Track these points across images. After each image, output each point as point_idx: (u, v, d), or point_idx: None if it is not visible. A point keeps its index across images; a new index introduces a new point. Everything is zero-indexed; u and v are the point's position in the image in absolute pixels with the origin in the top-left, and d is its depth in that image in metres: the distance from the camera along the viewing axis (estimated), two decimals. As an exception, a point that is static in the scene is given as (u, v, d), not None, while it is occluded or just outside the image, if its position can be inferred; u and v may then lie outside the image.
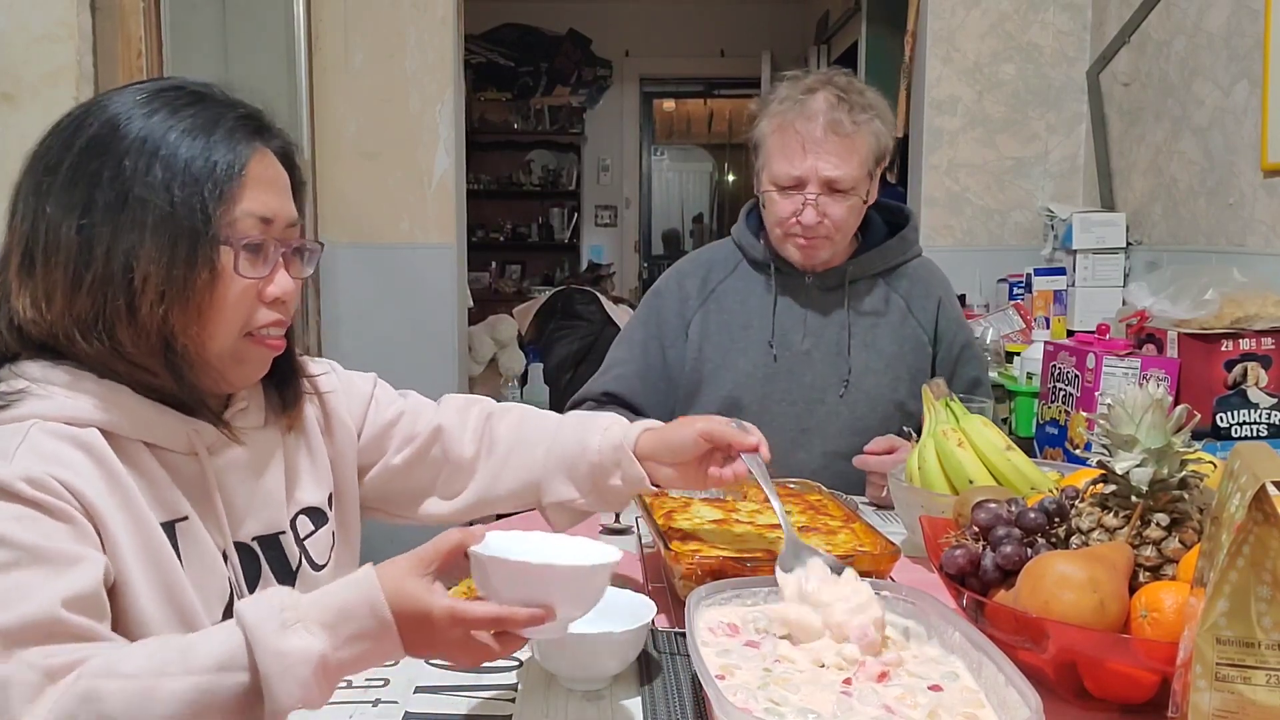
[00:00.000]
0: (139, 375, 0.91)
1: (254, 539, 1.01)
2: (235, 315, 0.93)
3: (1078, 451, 1.92)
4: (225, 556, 0.97)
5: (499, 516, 1.27)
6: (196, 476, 0.95)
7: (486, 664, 0.93)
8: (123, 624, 0.86)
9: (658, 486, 1.18)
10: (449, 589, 0.85)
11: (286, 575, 1.03)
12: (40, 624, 0.77)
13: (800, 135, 1.66)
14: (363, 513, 1.18)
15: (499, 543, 0.88)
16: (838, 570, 1.00)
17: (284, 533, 1.03)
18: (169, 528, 0.92)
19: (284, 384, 1.06)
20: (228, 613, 0.94)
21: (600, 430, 1.19)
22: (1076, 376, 1.97)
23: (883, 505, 1.61)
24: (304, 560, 1.05)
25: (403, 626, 0.81)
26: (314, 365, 1.14)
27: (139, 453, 0.91)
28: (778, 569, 1.02)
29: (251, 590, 0.99)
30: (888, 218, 1.86)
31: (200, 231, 0.89)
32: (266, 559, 1.02)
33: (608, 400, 1.82)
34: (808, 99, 1.67)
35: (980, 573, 1.00)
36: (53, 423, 0.87)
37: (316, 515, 1.08)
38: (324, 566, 1.08)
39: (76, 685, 0.75)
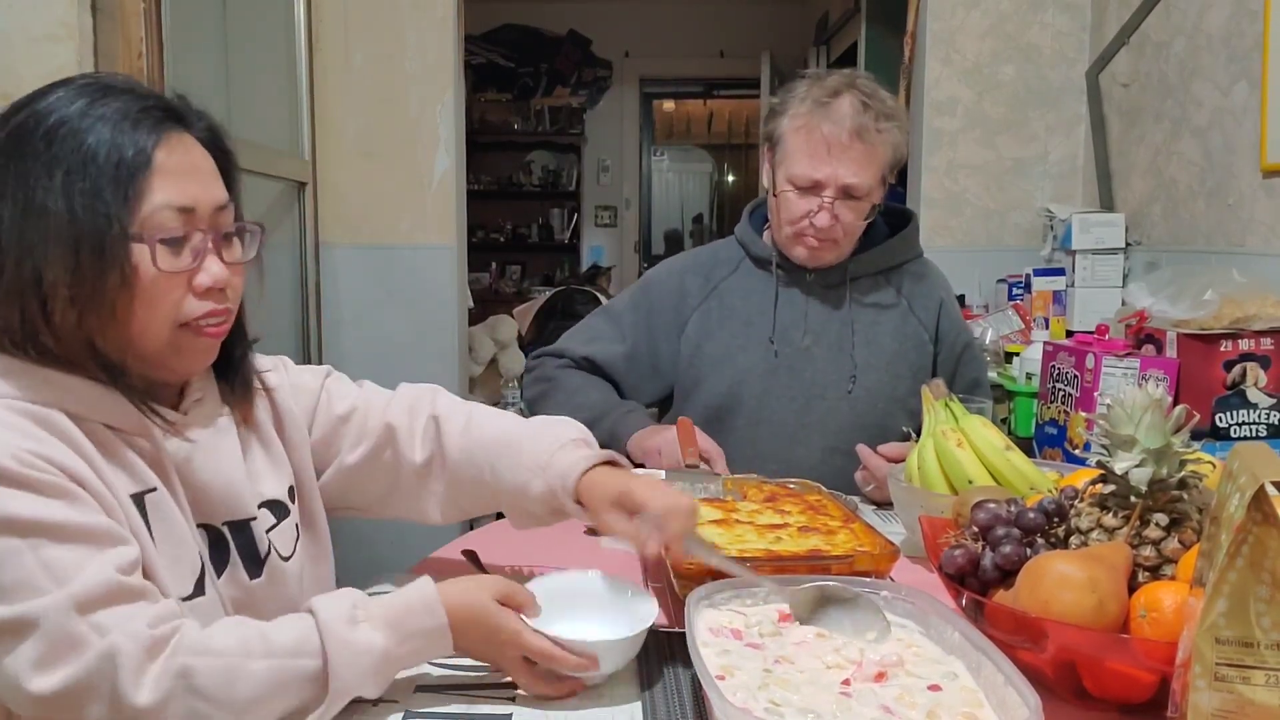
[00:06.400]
0: (77, 373, 0.90)
1: (224, 523, 1.00)
2: (162, 310, 0.92)
3: (1077, 452, 1.92)
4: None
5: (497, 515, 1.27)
6: (155, 456, 0.95)
7: (487, 664, 0.99)
8: None
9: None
10: None
11: (254, 562, 1.03)
12: (105, 589, 0.81)
13: (825, 138, 1.66)
14: (330, 513, 1.17)
15: (548, 587, 1.02)
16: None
17: (254, 519, 1.03)
18: (139, 500, 0.92)
19: (232, 374, 1.05)
20: (199, 586, 0.95)
21: (540, 471, 1.12)
22: (1075, 377, 1.97)
23: (882, 503, 1.62)
24: (272, 549, 1.05)
25: (465, 627, 0.94)
26: (262, 361, 1.13)
27: (99, 430, 0.91)
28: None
29: (219, 573, 0.99)
30: (889, 219, 1.88)
31: (105, 233, 0.87)
32: (236, 544, 1.01)
33: (587, 365, 1.82)
34: (834, 102, 1.67)
35: (979, 573, 1.00)
36: (12, 400, 0.86)
37: (278, 508, 1.08)
38: (290, 558, 1.07)
39: (173, 661, 0.81)
